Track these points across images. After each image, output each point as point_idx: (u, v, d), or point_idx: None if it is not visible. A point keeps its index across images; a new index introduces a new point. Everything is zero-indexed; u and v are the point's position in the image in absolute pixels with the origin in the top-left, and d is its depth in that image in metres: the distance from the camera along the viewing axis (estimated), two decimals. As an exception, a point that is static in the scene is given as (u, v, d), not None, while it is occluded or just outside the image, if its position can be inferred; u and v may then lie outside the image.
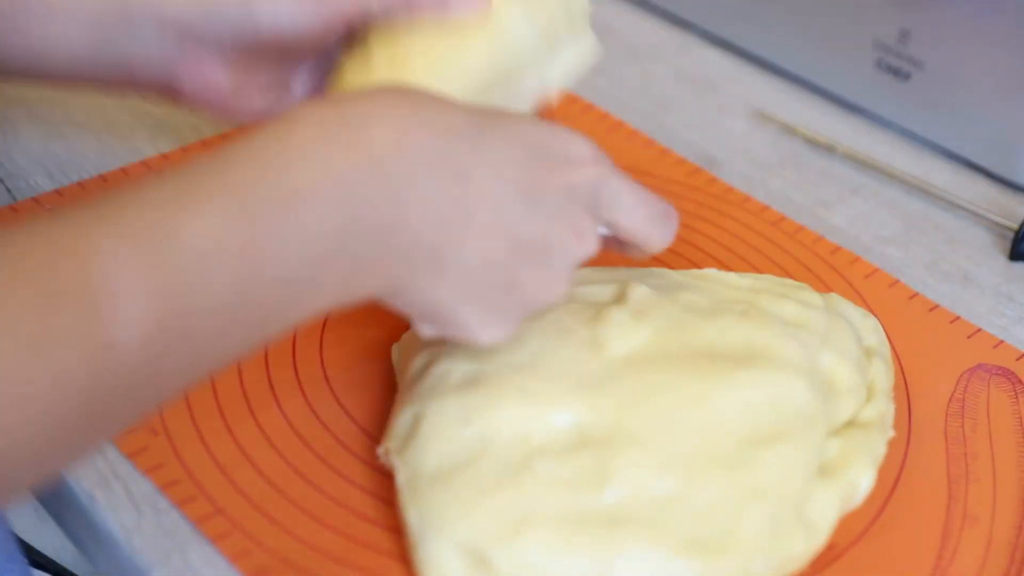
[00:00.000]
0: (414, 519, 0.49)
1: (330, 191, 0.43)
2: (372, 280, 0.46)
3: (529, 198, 0.47)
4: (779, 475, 0.51)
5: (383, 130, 0.44)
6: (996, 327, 0.66)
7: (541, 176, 0.47)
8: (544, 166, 0.48)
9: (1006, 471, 0.57)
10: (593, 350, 0.54)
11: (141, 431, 0.55)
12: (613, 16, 0.91)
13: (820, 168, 0.77)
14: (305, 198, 0.42)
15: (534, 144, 0.48)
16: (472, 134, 0.46)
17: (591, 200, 0.49)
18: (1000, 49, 0.73)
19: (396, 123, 0.45)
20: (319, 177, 0.43)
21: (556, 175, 0.48)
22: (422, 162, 0.44)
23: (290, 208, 0.42)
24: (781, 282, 0.61)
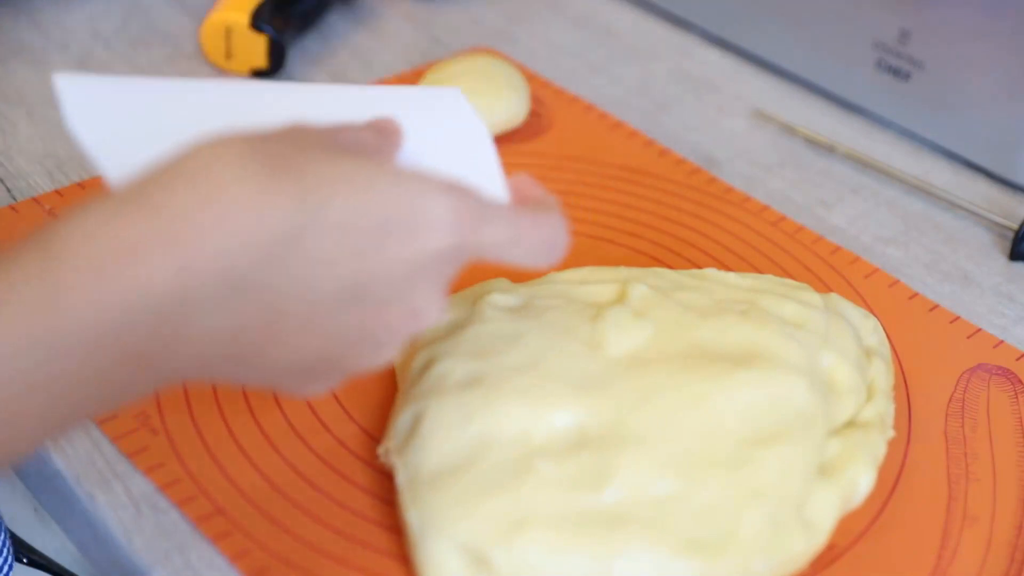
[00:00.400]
0: (414, 519, 0.49)
1: (97, 331, 0.38)
2: (148, 386, 0.42)
3: (353, 293, 0.42)
4: (779, 475, 0.51)
5: (158, 259, 0.38)
6: (996, 327, 0.66)
7: (372, 264, 0.42)
8: (379, 250, 0.42)
9: (1006, 471, 0.57)
10: (593, 350, 0.54)
11: (141, 431, 0.55)
12: (613, 16, 0.92)
13: (820, 168, 0.77)
14: (68, 337, 0.38)
15: (376, 223, 0.41)
16: (285, 240, 0.40)
17: (440, 268, 0.43)
18: (1000, 49, 0.73)
19: (177, 249, 0.38)
20: (85, 317, 0.38)
21: (394, 255, 0.42)
22: (205, 293, 0.39)
23: (55, 348, 0.38)
24: (781, 282, 0.61)
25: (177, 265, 0.38)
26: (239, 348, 0.41)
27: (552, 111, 0.79)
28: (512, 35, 0.88)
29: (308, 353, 0.43)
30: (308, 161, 0.41)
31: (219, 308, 0.40)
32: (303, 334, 0.42)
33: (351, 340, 0.43)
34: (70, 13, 0.85)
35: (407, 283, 0.43)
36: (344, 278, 0.41)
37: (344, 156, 0.42)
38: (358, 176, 0.41)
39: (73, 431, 0.43)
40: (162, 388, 0.41)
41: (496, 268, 0.64)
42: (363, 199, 0.41)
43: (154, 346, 0.39)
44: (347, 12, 0.89)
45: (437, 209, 0.42)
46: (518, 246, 0.45)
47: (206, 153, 0.40)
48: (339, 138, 0.44)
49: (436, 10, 0.90)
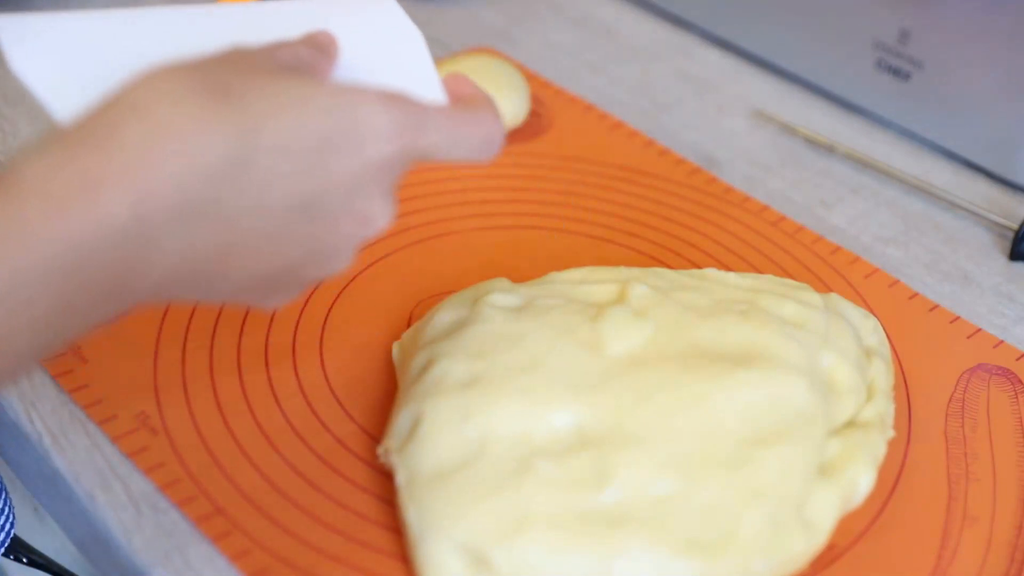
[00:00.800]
0: (414, 519, 0.49)
1: (61, 263, 0.39)
2: (116, 309, 0.43)
3: (304, 207, 0.44)
4: (779, 475, 0.51)
5: (114, 193, 0.39)
6: (996, 327, 0.66)
7: (320, 177, 0.43)
8: (325, 164, 0.43)
9: (1006, 471, 0.57)
10: (593, 350, 0.54)
11: (141, 431, 0.55)
12: (613, 16, 0.92)
13: (820, 168, 0.77)
14: (33, 271, 0.39)
15: (318, 140, 0.43)
16: (232, 161, 0.41)
17: (385, 175, 0.45)
18: (1000, 49, 0.73)
19: (131, 182, 0.40)
20: (49, 250, 0.39)
21: (340, 167, 0.44)
22: (162, 221, 0.40)
23: (20, 279, 0.39)
24: (781, 282, 0.61)
25: (133, 196, 0.39)
26: (199, 267, 0.43)
27: (552, 111, 0.79)
28: (512, 35, 0.88)
29: (266, 267, 0.44)
30: (248, 85, 0.42)
31: (177, 232, 0.41)
32: (259, 250, 0.44)
33: (307, 251, 0.45)
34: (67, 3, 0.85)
35: (355, 193, 0.44)
36: (294, 194, 0.43)
37: (283, 77, 0.44)
38: (297, 96, 0.43)
39: (48, 356, 0.44)
40: (130, 309, 0.43)
41: (496, 269, 0.64)
42: (303, 117, 0.43)
43: (117, 273, 0.41)
44: (347, 12, 0.89)
45: (377, 119, 0.44)
46: (458, 145, 0.47)
47: (150, 86, 0.41)
48: (277, 57, 0.46)
49: (436, 10, 0.90)
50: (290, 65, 0.46)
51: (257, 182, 0.42)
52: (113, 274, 0.40)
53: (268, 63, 0.45)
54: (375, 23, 0.52)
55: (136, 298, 0.43)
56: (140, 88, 0.41)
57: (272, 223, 0.43)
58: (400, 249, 0.67)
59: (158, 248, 0.41)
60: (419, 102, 0.46)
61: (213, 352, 0.59)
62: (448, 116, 0.47)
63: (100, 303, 0.41)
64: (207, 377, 0.58)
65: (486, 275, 0.61)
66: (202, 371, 0.58)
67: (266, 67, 0.45)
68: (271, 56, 0.46)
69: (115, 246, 0.40)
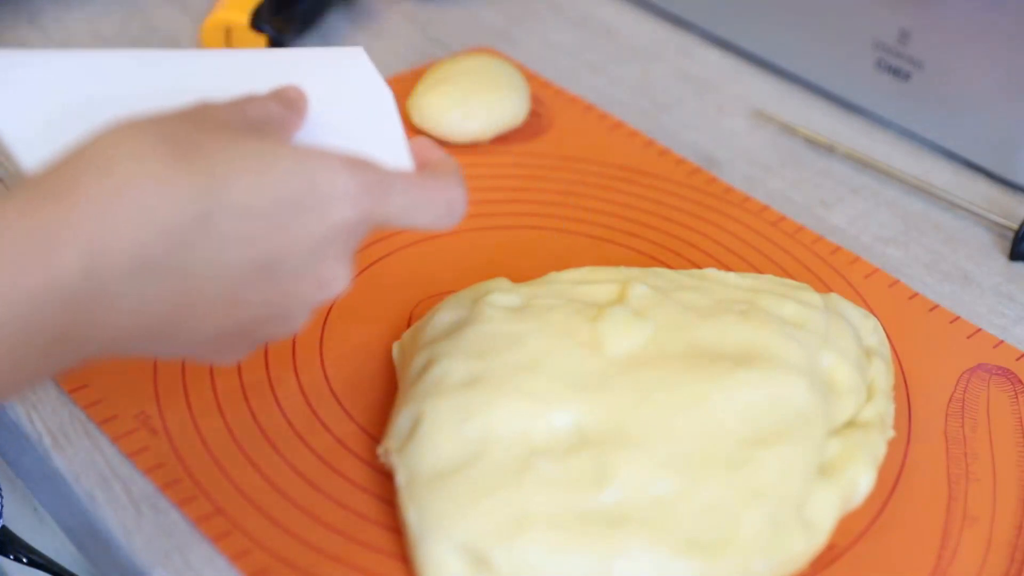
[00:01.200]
0: (414, 519, 0.49)
1: (10, 319, 0.39)
2: (65, 363, 0.43)
3: (263, 269, 0.43)
4: (779, 475, 0.51)
5: (69, 251, 0.39)
6: (996, 327, 0.66)
7: (280, 240, 0.43)
8: (286, 226, 0.43)
9: (1006, 471, 0.57)
10: (593, 350, 0.54)
11: (141, 431, 0.55)
12: (613, 16, 0.92)
13: (820, 168, 0.77)
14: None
15: (280, 202, 0.43)
16: (193, 223, 0.41)
17: (346, 239, 0.45)
18: (1000, 49, 0.73)
19: (88, 240, 0.39)
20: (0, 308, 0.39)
21: (301, 230, 0.43)
22: (117, 280, 0.40)
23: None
24: (781, 282, 0.61)
25: (87, 253, 0.39)
26: (152, 326, 0.43)
27: (552, 111, 0.79)
28: (512, 35, 0.88)
29: (220, 326, 0.44)
30: (213, 145, 0.42)
31: (132, 292, 0.41)
32: (216, 310, 0.43)
33: (262, 312, 0.45)
34: (70, 13, 0.85)
35: (315, 256, 0.44)
36: (253, 255, 0.43)
37: (248, 137, 0.43)
38: (262, 157, 0.43)
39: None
40: (84, 363, 0.43)
41: (496, 269, 0.64)
42: (267, 179, 0.42)
43: (66, 329, 0.40)
44: (347, 12, 0.89)
45: (340, 184, 0.44)
46: (421, 212, 0.47)
47: (113, 141, 0.41)
48: (246, 112, 0.46)
49: (436, 10, 0.90)
50: (259, 120, 0.46)
51: (216, 242, 0.42)
52: (62, 330, 0.40)
53: (235, 120, 0.45)
54: (347, 79, 0.52)
55: (86, 353, 0.42)
56: (104, 143, 0.41)
57: (229, 283, 0.43)
58: (400, 249, 0.67)
59: (110, 306, 0.41)
60: (383, 168, 0.46)
61: (213, 352, 0.59)
62: (412, 182, 0.47)
63: (47, 358, 0.41)
64: (207, 377, 0.58)
65: (486, 275, 0.61)
66: (202, 371, 0.58)
67: (232, 125, 0.45)
68: (239, 111, 0.46)
69: (65, 303, 0.40)
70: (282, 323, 0.46)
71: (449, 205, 0.48)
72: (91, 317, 0.41)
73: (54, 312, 0.39)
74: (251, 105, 0.47)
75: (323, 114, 0.50)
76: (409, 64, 0.84)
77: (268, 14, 0.79)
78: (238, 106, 0.46)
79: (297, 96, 0.49)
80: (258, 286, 0.44)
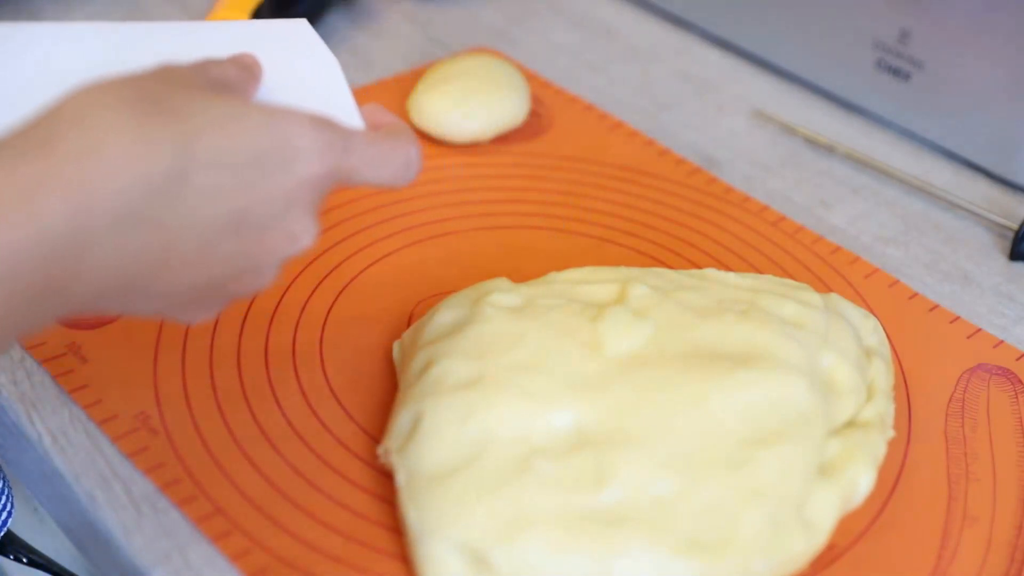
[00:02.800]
0: (414, 519, 0.49)
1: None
2: (48, 318, 0.43)
3: (236, 222, 0.45)
4: (779, 475, 0.51)
5: (53, 202, 0.40)
6: (996, 327, 0.66)
7: (252, 194, 0.45)
8: (257, 181, 0.44)
9: (1006, 471, 0.57)
10: (593, 350, 0.54)
11: (141, 431, 0.55)
12: (613, 16, 0.92)
13: (820, 168, 0.77)
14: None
15: (251, 157, 0.44)
16: (170, 175, 0.42)
17: (312, 194, 0.47)
18: (1000, 49, 0.73)
19: (71, 191, 0.40)
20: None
21: (271, 185, 0.45)
22: (99, 231, 0.41)
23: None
24: (781, 282, 0.61)
25: (72, 205, 0.40)
26: (131, 279, 0.43)
27: (552, 111, 0.79)
28: (512, 35, 0.88)
29: (194, 281, 0.45)
30: (183, 100, 0.43)
31: (112, 244, 0.42)
32: (190, 263, 0.44)
33: (234, 267, 0.46)
34: (70, 13, 0.85)
35: (284, 210, 0.46)
36: (226, 209, 0.44)
37: (215, 94, 0.45)
38: (231, 113, 0.44)
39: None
40: (61, 317, 0.44)
41: (496, 269, 0.64)
42: (238, 134, 0.44)
43: (50, 282, 0.41)
44: (347, 12, 0.89)
45: (306, 140, 0.45)
46: (380, 167, 0.49)
47: (87, 99, 0.42)
48: (208, 74, 0.47)
49: (436, 10, 0.90)
50: (219, 83, 0.48)
51: (193, 196, 0.43)
52: (46, 283, 0.41)
53: (199, 79, 0.46)
54: (294, 49, 0.53)
55: (66, 308, 0.43)
56: (77, 100, 0.42)
57: (204, 237, 0.44)
58: (400, 249, 0.67)
59: (92, 259, 0.41)
60: (343, 126, 0.48)
61: (213, 352, 0.59)
62: (371, 139, 0.49)
63: (29, 312, 0.41)
64: (207, 377, 0.58)
65: (486, 275, 0.61)
66: (202, 371, 0.58)
67: (197, 83, 0.46)
68: (201, 73, 0.47)
69: (50, 255, 0.40)
70: (252, 278, 0.47)
71: (406, 161, 0.50)
72: (74, 269, 0.41)
73: (38, 265, 0.40)
74: (212, 68, 0.48)
75: (275, 81, 0.51)
76: (409, 64, 0.84)
77: (268, 14, 0.79)
78: (200, 68, 0.48)
79: (253, 62, 0.51)
80: (230, 239, 0.45)
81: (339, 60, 0.83)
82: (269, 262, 0.47)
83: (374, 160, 0.49)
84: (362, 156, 0.48)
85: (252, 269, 0.47)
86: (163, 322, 0.60)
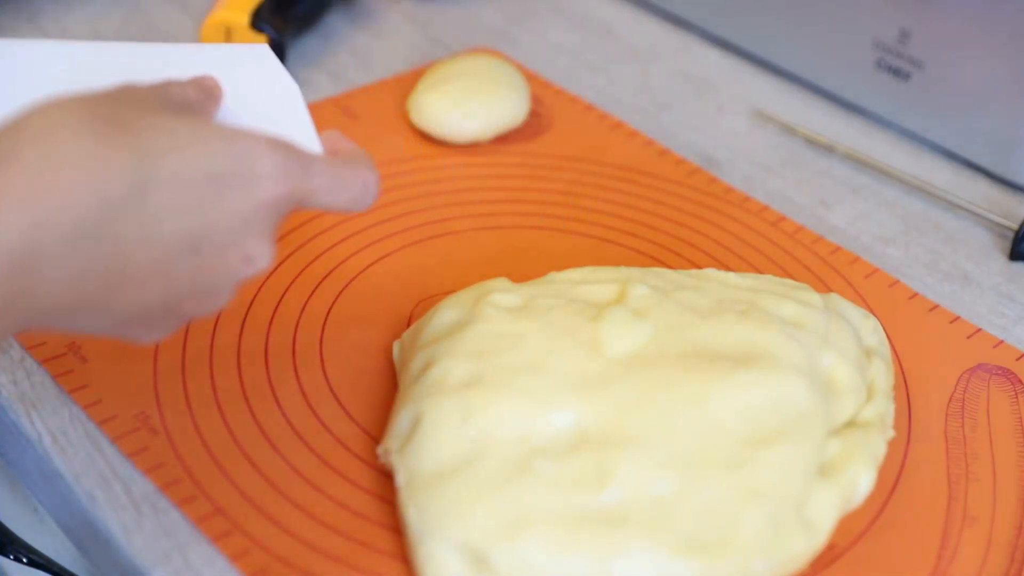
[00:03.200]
0: (413, 519, 0.49)
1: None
2: (5, 334, 0.44)
3: (193, 242, 0.45)
4: (779, 475, 0.51)
5: (7, 216, 0.40)
6: (996, 327, 0.66)
7: (210, 214, 0.44)
8: (216, 202, 0.45)
9: (1006, 471, 0.57)
10: (593, 350, 0.54)
11: (141, 431, 0.55)
12: (613, 16, 0.92)
13: (820, 168, 0.77)
14: None
15: (211, 177, 0.44)
16: (130, 192, 0.42)
17: (270, 216, 0.47)
18: (1000, 49, 0.73)
19: (26, 207, 0.40)
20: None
21: (230, 206, 0.45)
22: (54, 247, 0.41)
23: None
24: (781, 282, 0.61)
25: (28, 221, 0.40)
26: (85, 298, 0.43)
27: (552, 111, 0.79)
28: (512, 35, 0.88)
29: (150, 300, 0.45)
30: (144, 120, 0.44)
31: (68, 260, 0.42)
32: (146, 282, 0.44)
33: (190, 286, 0.46)
34: (70, 13, 0.85)
35: (241, 231, 0.46)
36: (185, 228, 0.44)
37: (176, 115, 0.45)
38: (192, 133, 0.44)
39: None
40: (10, 334, 0.44)
41: (496, 269, 0.64)
42: (199, 154, 0.44)
43: (7, 301, 0.41)
44: (347, 12, 0.89)
45: (266, 162, 0.46)
46: (340, 191, 0.49)
47: (46, 115, 0.42)
48: (168, 95, 0.48)
49: (436, 10, 0.90)
50: (179, 103, 0.48)
51: (151, 214, 0.43)
52: (1, 300, 0.41)
53: (159, 99, 0.47)
54: (254, 74, 0.54)
55: (20, 325, 0.43)
56: (36, 117, 0.42)
57: (161, 256, 0.44)
58: (400, 249, 0.67)
59: (46, 276, 0.41)
60: (304, 150, 0.48)
61: (213, 352, 0.59)
62: (330, 164, 0.49)
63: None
64: (207, 377, 0.58)
65: (486, 275, 0.61)
66: (202, 371, 0.58)
67: (158, 104, 0.46)
68: (162, 93, 0.47)
69: (5, 271, 0.40)
70: (208, 298, 0.47)
71: (364, 186, 0.50)
72: (29, 286, 0.41)
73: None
74: (172, 88, 0.48)
75: (235, 105, 0.52)
76: (409, 64, 0.84)
77: (268, 14, 0.79)
78: (160, 88, 0.48)
79: (213, 85, 0.51)
80: (187, 258, 0.45)
81: (339, 60, 0.84)
82: (225, 283, 0.47)
83: (332, 184, 0.49)
84: (321, 180, 0.48)
85: (208, 289, 0.47)
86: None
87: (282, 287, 0.63)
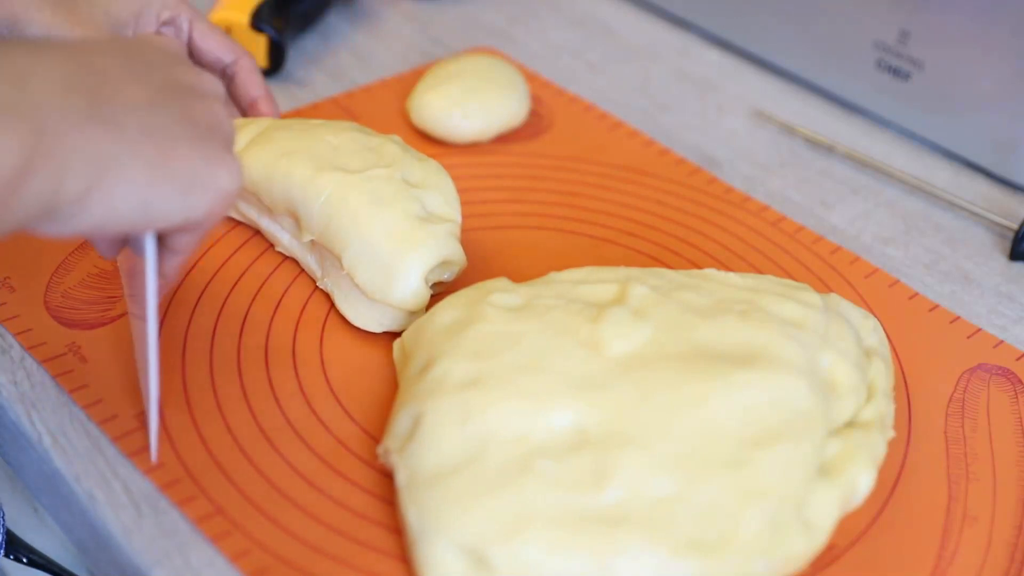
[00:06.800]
0: (413, 519, 0.49)
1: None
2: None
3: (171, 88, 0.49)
4: (779, 475, 0.51)
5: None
6: (996, 327, 0.66)
7: (177, 103, 0.48)
8: (177, 98, 0.49)
9: (1006, 471, 0.57)
10: (593, 350, 0.54)
11: (141, 431, 0.55)
12: (613, 16, 0.92)
13: (820, 168, 0.77)
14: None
15: (168, 82, 0.49)
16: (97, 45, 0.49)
17: (182, 57, 0.52)
18: (1000, 49, 0.73)
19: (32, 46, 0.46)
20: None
21: (186, 104, 0.49)
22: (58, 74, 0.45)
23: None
24: (781, 282, 0.61)
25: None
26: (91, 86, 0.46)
27: (552, 111, 0.79)
28: (512, 35, 0.88)
29: (149, 93, 0.48)
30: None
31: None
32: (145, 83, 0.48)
33: (178, 101, 0.49)
34: (70, 13, 0.85)
35: (174, 61, 0.52)
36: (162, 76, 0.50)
37: None
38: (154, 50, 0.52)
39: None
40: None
41: (496, 269, 0.64)
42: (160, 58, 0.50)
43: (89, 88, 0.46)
44: (347, 12, 0.89)
45: (214, 84, 0.52)
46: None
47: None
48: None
49: (436, 10, 0.90)
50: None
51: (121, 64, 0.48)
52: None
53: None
54: None
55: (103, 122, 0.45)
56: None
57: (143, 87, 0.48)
58: (400, 249, 0.66)
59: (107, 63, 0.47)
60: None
61: (213, 353, 0.59)
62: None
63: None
64: (207, 378, 0.58)
65: (486, 275, 0.61)
66: (202, 371, 0.58)
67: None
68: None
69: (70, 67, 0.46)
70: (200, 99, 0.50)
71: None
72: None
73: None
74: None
75: None
76: (409, 64, 0.84)
77: (268, 14, 0.79)
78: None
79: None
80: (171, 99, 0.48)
81: (339, 60, 0.84)
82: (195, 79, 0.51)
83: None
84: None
85: (188, 83, 0.50)
86: (164, 323, 0.60)
87: (282, 287, 0.63)
